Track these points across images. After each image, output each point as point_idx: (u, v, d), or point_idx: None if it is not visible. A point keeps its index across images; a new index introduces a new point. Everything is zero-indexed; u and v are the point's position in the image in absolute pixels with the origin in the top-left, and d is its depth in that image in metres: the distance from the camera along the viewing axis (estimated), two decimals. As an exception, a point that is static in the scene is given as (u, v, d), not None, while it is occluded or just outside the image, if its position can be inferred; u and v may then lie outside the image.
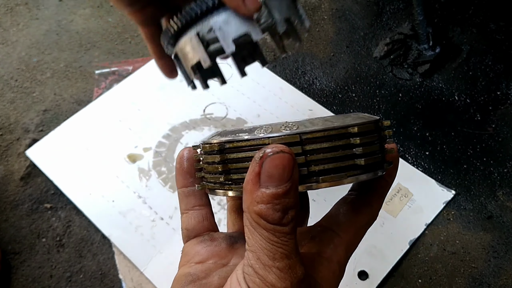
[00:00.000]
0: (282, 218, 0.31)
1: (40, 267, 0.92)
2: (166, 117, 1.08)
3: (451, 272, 0.88)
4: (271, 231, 0.31)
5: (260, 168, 0.31)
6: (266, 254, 0.32)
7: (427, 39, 1.14)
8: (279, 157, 0.31)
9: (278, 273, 0.31)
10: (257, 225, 0.32)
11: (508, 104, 1.08)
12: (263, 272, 0.32)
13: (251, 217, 0.32)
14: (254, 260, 0.32)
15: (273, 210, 0.31)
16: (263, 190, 0.31)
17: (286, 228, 0.32)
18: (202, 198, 0.45)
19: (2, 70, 1.21)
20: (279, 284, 0.31)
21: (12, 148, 1.07)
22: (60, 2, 1.35)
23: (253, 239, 0.32)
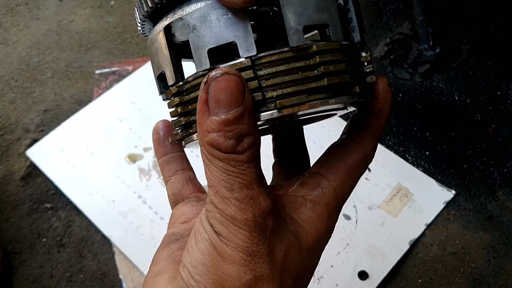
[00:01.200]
0: (236, 146, 0.29)
1: (41, 267, 0.92)
2: (167, 116, 1.08)
3: (451, 272, 0.88)
4: (226, 160, 0.29)
5: (206, 94, 0.29)
6: (224, 186, 0.29)
7: (427, 39, 1.14)
8: (224, 79, 0.28)
9: (238, 204, 0.29)
10: (212, 157, 0.29)
11: (508, 104, 1.08)
12: (222, 206, 0.30)
13: (205, 149, 0.29)
14: (213, 195, 0.30)
15: (225, 137, 0.28)
16: (212, 118, 0.29)
17: (242, 156, 0.29)
18: (183, 162, 0.44)
19: (3, 70, 1.21)
20: (239, 215, 0.29)
21: (12, 148, 1.07)
22: (61, 2, 1.35)
23: (210, 173, 0.30)
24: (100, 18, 1.31)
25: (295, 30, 0.30)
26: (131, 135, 1.06)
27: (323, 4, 0.31)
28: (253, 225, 0.29)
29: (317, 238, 0.33)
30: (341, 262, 0.88)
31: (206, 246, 0.31)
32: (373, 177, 0.98)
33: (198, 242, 0.31)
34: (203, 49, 0.31)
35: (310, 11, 0.30)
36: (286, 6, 0.30)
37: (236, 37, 0.30)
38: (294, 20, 0.30)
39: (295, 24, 0.30)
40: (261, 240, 0.30)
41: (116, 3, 1.34)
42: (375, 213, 0.93)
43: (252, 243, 0.30)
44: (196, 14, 0.31)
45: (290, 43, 0.30)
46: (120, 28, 1.28)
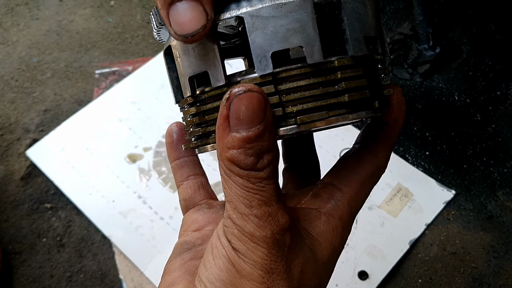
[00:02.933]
0: (256, 163, 0.29)
1: (41, 267, 0.92)
2: (166, 116, 1.08)
3: (451, 272, 0.88)
4: (245, 177, 0.29)
5: (228, 110, 0.28)
6: (243, 202, 0.29)
7: (427, 39, 1.14)
8: (246, 96, 0.28)
9: (256, 221, 0.29)
10: (231, 173, 0.29)
11: (508, 104, 1.08)
12: (240, 222, 0.29)
13: (224, 164, 0.29)
14: (231, 210, 0.30)
15: (245, 155, 0.28)
16: (233, 134, 0.28)
17: (261, 173, 0.29)
18: (195, 167, 0.44)
19: (3, 70, 1.21)
20: (258, 233, 0.29)
21: (12, 148, 1.07)
22: (61, 2, 1.35)
23: (229, 189, 0.30)
24: (100, 18, 1.31)
25: (355, 39, 0.30)
26: (131, 135, 1.06)
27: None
28: (271, 242, 0.29)
29: (332, 252, 0.33)
30: (341, 262, 0.88)
31: (224, 262, 0.31)
32: (373, 177, 0.97)
33: (216, 257, 0.31)
34: (186, 77, 0.31)
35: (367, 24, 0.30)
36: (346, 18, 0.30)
37: (208, 67, 0.30)
38: (354, 30, 0.30)
39: (355, 34, 0.30)
40: (279, 257, 0.30)
41: (116, 3, 1.34)
42: (375, 213, 0.93)
43: (271, 260, 0.30)
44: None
45: (349, 51, 0.30)
46: (120, 28, 1.28)
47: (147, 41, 1.25)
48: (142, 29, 1.28)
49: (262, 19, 0.29)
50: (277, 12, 0.29)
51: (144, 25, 1.28)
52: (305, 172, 0.43)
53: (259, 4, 0.29)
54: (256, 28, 0.29)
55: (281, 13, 0.29)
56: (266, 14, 0.29)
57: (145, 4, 1.33)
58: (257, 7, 0.29)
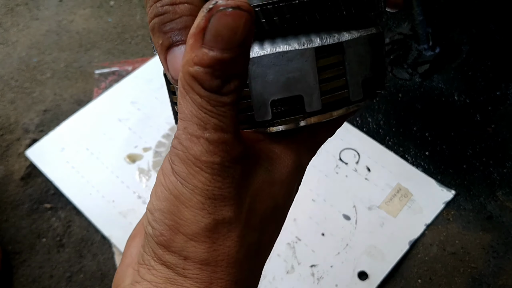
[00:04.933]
0: (221, 87, 0.25)
1: (41, 267, 0.92)
2: (166, 116, 1.08)
3: (450, 272, 0.88)
4: (206, 98, 0.26)
5: (207, 23, 0.24)
6: (196, 123, 0.26)
7: (427, 39, 1.14)
8: (233, 14, 0.24)
9: (207, 146, 0.26)
10: (190, 89, 0.26)
11: (508, 104, 1.08)
12: (188, 144, 0.26)
13: (185, 78, 0.26)
14: (182, 129, 0.27)
15: (212, 75, 0.25)
16: (205, 50, 0.25)
17: (225, 97, 0.26)
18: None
19: (3, 70, 1.21)
20: (205, 157, 0.26)
21: (12, 148, 1.07)
22: (60, 2, 1.35)
23: (184, 105, 0.26)
24: (100, 18, 1.31)
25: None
26: (130, 135, 1.06)
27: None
28: (218, 168, 0.27)
29: (290, 171, 0.31)
30: (341, 262, 0.88)
31: (161, 190, 0.28)
32: (373, 177, 0.98)
33: (156, 185, 0.29)
34: None
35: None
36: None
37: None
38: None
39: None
40: (225, 184, 0.27)
41: (116, 3, 1.34)
42: (375, 213, 0.93)
43: (214, 186, 0.27)
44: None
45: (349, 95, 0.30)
46: (119, 28, 1.28)
47: (146, 41, 1.25)
48: (142, 29, 1.28)
49: (263, 66, 0.28)
50: (278, 60, 0.28)
51: (144, 25, 1.28)
52: None
53: (260, 51, 0.28)
54: (256, 76, 0.29)
55: (282, 61, 0.28)
56: (267, 63, 0.28)
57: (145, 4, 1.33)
58: (259, 54, 0.28)
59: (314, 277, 0.87)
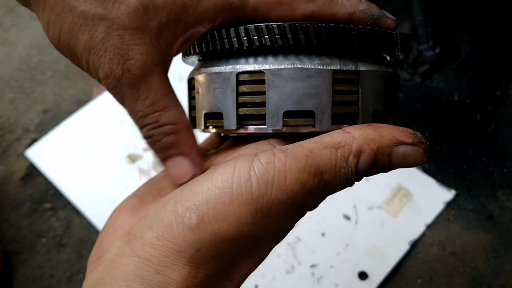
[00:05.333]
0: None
1: (41, 267, 0.92)
2: (166, 117, 1.08)
3: (450, 272, 0.88)
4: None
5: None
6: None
7: (427, 39, 1.14)
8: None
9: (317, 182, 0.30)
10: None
11: (508, 104, 1.08)
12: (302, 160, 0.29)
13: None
14: (315, 144, 0.30)
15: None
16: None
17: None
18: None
19: (3, 70, 1.21)
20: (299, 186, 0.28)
21: (12, 148, 1.07)
22: (60, 2, 1.35)
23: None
24: (100, 18, 1.31)
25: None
26: (130, 135, 1.06)
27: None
28: (298, 203, 0.29)
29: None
30: (341, 262, 0.88)
31: (223, 180, 0.29)
32: (373, 178, 0.97)
33: (217, 174, 0.30)
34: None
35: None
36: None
37: (223, 111, 0.33)
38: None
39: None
40: (288, 214, 0.29)
41: (116, 3, 1.34)
42: (375, 213, 0.93)
43: (281, 210, 0.29)
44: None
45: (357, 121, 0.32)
46: (120, 28, 1.28)
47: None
48: (142, 29, 1.28)
49: (282, 79, 0.30)
50: (297, 75, 0.30)
51: (144, 25, 1.28)
52: None
53: (281, 64, 0.31)
54: (274, 86, 0.31)
55: (301, 77, 0.30)
56: (286, 75, 0.30)
57: (145, 4, 1.33)
58: (280, 66, 0.31)
59: (314, 277, 0.87)
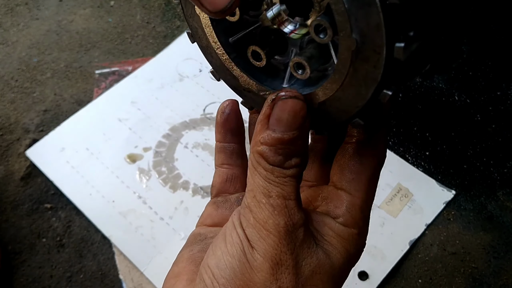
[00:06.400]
0: (283, 162, 0.30)
1: (40, 267, 0.92)
2: (166, 116, 1.08)
3: (451, 272, 0.88)
4: (270, 171, 0.30)
5: (270, 110, 0.31)
6: (262, 191, 0.30)
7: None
8: (291, 101, 0.30)
9: (271, 210, 0.30)
10: (258, 165, 0.31)
11: (508, 104, 1.08)
12: (256, 209, 0.30)
13: (253, 156, 0.31)
14: (250, 198, 0.31)
15: (275, 153, 0.30)
16: (269, 132, 0.30)
17: (286, 170, 0.30)
18: (232, 156, 0.44)
19: (3, 70, 1.21)
20: (271, 220, 0.30)
21: (12, 148, 1.07)
22: (60, 2, 1.35)
23: (252, 179, 0.31)
24: (100, 18, 1.31)
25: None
26: (130, 135, 1.06)
27: None
28: (283, 232, 0.30)
29: (347, 259, 0.34)
30: (341, 262, 0.88)
31: (237, 250, 0.31)
32: (373, 177, 0.97)
33: (229, 245, 0.32)
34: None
35: None
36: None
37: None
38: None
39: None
40: (289, 249, 0.30)
41: (116, 3, 1.34)
42: (375, 213, 0.93)
43: (281, 251, 0.30)
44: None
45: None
46: (120, 28, 1.28)
47: (147, 41, 1.25)
48: (142, 29, 1.28)
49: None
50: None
51: (144, 25, 1.28)
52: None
53: None
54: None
55: None
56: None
57: (145, 4, 1.33)
58: None
59: (315, 277, 0.87)
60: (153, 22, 1.29)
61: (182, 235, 0.92)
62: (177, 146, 1.04)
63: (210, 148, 1.03)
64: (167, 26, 1.28)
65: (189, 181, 0.99)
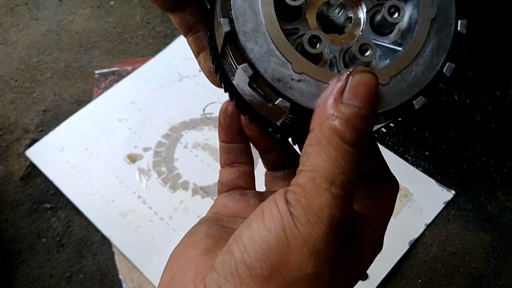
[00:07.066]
0: (358, 143, 0.27)
1: (40, 267, 0.92)
2: (166, 116, 1.08)
3: (451, 272, 0.88)
4: (342, 151, 0.27)
5: (346, 83, 0.28)
6: (325, 175, 0.27)
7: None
8: (368, 76, 0.28)
9: (331, 199, 0.27)
10: (327, 142, 0.27)
11: (508, 104, 1.08)
12: (314, 193, 0.27)
13: (323, 132, 0.27)
14: (307, 179, 0.28)
15: (353, 129, 0.27)
16: (345, 105, 0.27)
17: (358, 154, 0.28)
18: (243, 155, 0.43)
19: (2, 71, 1.21)
20: (328, 210, 0.27)
21: (12, 148, 1.07)
22: (60, 2, 1.35)
23: (315, 159, 0.28)
24: (100, 18, 1.31)
25: None
26: (130, 135, 1.06)
27: None
28: (335, 225, 0.28)
29: (372, 257, 0.35)
30: (341, 262, 0.88)
31: (276, 226, 0.28)
32: (373, 177, 0.97)
33: (267, 219, 0.29)
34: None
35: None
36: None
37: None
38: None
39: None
40: (333, 242, 0.28)
41: (115, 3, 1.34)
42: (375, 213, 0.93)
43: (325, 242, 0.28)
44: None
45: None
46: (119, 28, 1.28)
47: (146, 41, 1.25)
48: (141, 29, 1.28)
49: None
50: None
51: (143, 25, 1.28)
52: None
53: None
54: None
55: None
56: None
57: (145, 4, 1.33)
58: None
59: (314, 277, 0.87)
60: (153, 22, 1.29)
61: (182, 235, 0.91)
62: (176, 146, 1.04)
63: (210, 148, 1.03)
64: (167, 26, 1.28)
65: (188, 181, 0.99)
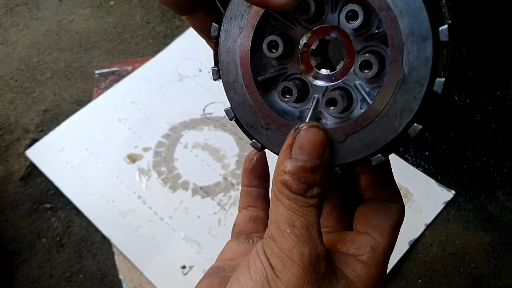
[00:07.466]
0: (305, 191, 0.31)
1: (40, 267, 0.92)
2: (166, 116, 1.08)
3: (451, 272, 0.88)
4: (293, 199, 0.31)
5: (293, 140, 0.32)
6: (286, 221, 0.31)
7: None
8: (313, 130, 0.32)
9: (296, 240, 0.31)
10: (281, 195, 0.32)
11: (508, 104, 1.08)
12: (281, 239, 0.31)
13: (277, 187, 0.32)
14: (274, 229, 0.32)
15: (298, 181, 0.31)
16: (291, 160, 0.31)
17: (309, 200, 0.31)
18: (258, 200, 0.46)
19: (2, 70, 1.21)
20: (296, 250, 0.30)
21: (12, 148, 1.07)
22: (60, 2, 1.35)
23: (275, 209, 0.32)
24: (100, 18, 1.31)
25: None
26: (130, 135, 1.06)
27: None
28: (307, 262, 0.30)
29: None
30: (341, 262, 0.88)
31: (260, 277, 0.31)
32: (373, 177, 0.97)
33: (253, 271, 0.32)
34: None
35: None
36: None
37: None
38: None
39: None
40: (311, 280, 0.31)
41: (115, 3, 1.34)
42: (375, 213, 0.93)
43: (304, 282, 0.30)
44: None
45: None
46: (119, 28, 1.28)
47: (146, 41, 1.25)
48: (141, 29, 1.28)
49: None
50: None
51: (143, 25, 1.28)
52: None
53: None
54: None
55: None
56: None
57: (145, 4, 1.33)
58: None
59: (314, 277, 0.87)
60: (153, 22, 1.29)
61: (182, 235, 0.92)
62: (176, 146, 1.04)
63: (209, 148, 1.03)
64: (167, 26, 1.28)
65: (188, 181, 0.99)
